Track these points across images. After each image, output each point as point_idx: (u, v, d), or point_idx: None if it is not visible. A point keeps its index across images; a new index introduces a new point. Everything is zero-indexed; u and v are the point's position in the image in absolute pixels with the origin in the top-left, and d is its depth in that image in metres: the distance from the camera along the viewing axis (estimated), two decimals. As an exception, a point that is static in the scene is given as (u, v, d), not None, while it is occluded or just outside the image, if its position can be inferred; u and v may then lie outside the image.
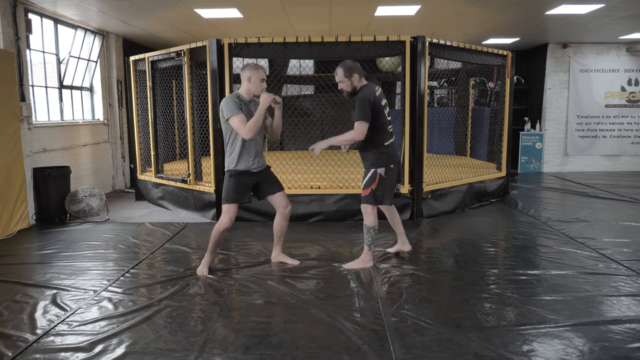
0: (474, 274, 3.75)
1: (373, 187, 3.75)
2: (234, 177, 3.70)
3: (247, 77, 3.66)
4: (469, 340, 2.65)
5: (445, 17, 6.95)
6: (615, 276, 3.64)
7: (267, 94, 3.60)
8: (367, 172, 3.79)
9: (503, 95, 6.86)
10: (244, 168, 3.69)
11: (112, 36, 7.79)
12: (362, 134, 3.63)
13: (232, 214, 3.73)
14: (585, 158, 9.78)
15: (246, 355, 2.53)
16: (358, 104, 3.63)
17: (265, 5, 6.12)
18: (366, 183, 3.78)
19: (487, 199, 6.68)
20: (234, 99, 3.61)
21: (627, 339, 2.64)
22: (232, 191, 3.70)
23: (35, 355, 2.55)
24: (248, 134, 3.54)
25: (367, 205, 3.81)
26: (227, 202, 3.71)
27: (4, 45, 5.24)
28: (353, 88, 3.73)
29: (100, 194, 6.04)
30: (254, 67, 3.68)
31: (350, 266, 3.90)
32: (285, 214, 3.90)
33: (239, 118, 3.54)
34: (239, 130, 3.56)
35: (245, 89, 3.69)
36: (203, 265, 3.84)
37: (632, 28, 7.77)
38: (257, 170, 3.76)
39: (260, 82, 3.67)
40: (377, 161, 3.74)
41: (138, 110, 6.84)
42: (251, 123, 3.54)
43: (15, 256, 4.36)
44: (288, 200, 3.91)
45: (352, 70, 3.70)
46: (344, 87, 3.75)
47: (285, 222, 3.95)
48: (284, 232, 4.02)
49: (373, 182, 3.75)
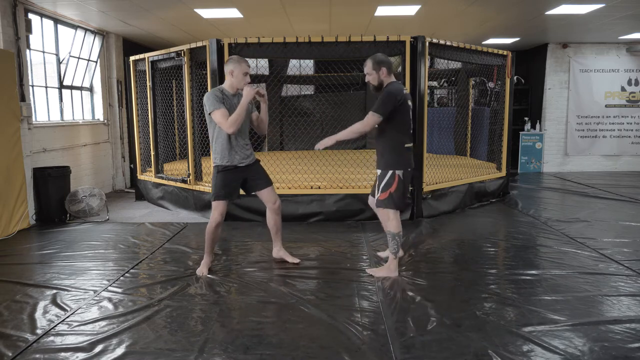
0: (474, 274, 3.75)
1: (392, 190, 3.57)
2: (221, 172, 3.68)
3: (229, 71, 3.61)
4: (469, 340, 2.65)
5: (445, 17, 6.95)
6: (615, 276, 3.64)
7: (249, 86, 3.55)
8: (384, 174, 3.60)
9: (503, 95, 6.86)
10: (230, 163, 3.66)
11: (112, 36, 7.79)
12: (369, 125, 3.51)
13: (222, 209, 3.71)
14: (585, 158, 9.78)
15: (246, 355, 2.53)
16: (381, 96, 3.51)
17: (265, 5, 6.12)
18: (384, 185, 3.59)
19: (487, 199, 6.69)
20: (215, 93, 3.57)
21: (627, 339, 2.64)
22: (220, 187, 3.68)
23: (35, 355, 2.55)
24: (230, 128, 3.51)
25: (388, 211, 3.61)
26: (217, 199, 3.69)
27: (4, 45, 5.24)
28: (380, 82, 3.59)
29: (100, 194, 6.04)
30: (237, 60, 3.63)
31: (375, 272, 3.72)
32: (275, 208, 3.88)
33: (221, 112, 3.51)
34: (221, 125, 3.53)
35: (228, 83, 3.65)
36: (203, 266, 3.83)
37: (632, 28, 7.77)
38: (245, 165, 3.72)
39: (243, 76, 3.60)
40: (397, 163, 3.57)
41: (138, 110, 6.85)
42: (233, 117, 3.50)
43: (15, 256, 4.36)
44: (277, 195, 3.89)
45: (382, 63, 3.57)
46: (371, 79, 3.61)
47: (277, 217, 3.92)
48: (279, 227, 3.98)
49: (392, 184, 3.56)
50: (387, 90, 3.54)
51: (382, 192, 3.61)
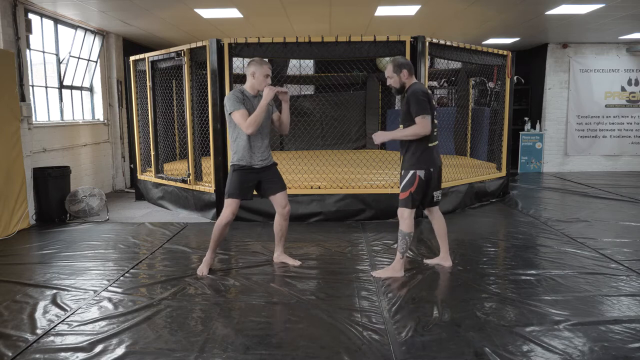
0: (474, 274, 3.74)
1: (412, 190, 3.56)
2: (237, 171, 3.70)
3: (251, 72, 3.65)
4: (469, 340, 2.65)
5: (445, 17, 6.95)
6: (615, 276, 3.64)
7: (269, 87, 3.57)
8: (406, 174, 3.60)
9: (503, 95, 6.86)
10: (247, 163, 3.68)
11: (112, 36, 7.79)
12: (427, 127, 3.45)
13: (234, 208, 3.71)
14: (585, 158, 9.78)
15: (246, 355, 2.53)
16: (414, 98, 3.47)
17: (265, 5, 6.12)
18: (405, 185, 3.60)
19: (487, 199, 6.69)
20: (236, 94, 3.61)
21: (627, 339, 2.64)
22: (235, 186, 3.69)
23: (35, 355, 2.55)
24: (249, 129, 3.53)
25: (404, 210, 3.61)
26: (230, 196, 3.70)
27: (4, 45, 5.24)
28: (402, 84, 3.61)
29: (100, 194, 6.04)
30: (259, 62, 3.67)
31: (379, 274, 3.70)
32: (284, 213, 3.89)
33: (240, 113, 3.54)
34: (240, 125, 3.56)
35: (249, 84, 3.69)
36: (204, 265, 3.83)
37: (632, 28, 7.77)
38: (261, 167, 3.74)
39: (264, 78, 3.64)
40: (418, 162, 3.56)
41: (138, 110, 6.85)
42: (252, 118, 3.53)
43: (15, 256, 4.36)
44: (287, 200, 3.90)
45: (402, 66, 3.58)
46: (392, 82, 3.63)
47: (285, 222, 3.94)
48: (284, 233, 4.00)
49: (412, 184, 3.56)
50: (414, 90, 3.53)
51: (402, 192, 3.62)
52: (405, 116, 3.58)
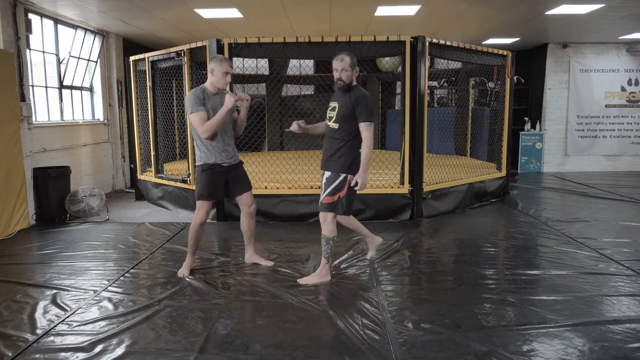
0: (474, 274, 3.74)
1: (341, 195, 3.44)
2: (205, 172, 3.67)
3: (210, 69, 3.61)
4: (469, 340, 2.65)
5: (445, 17, 6.95)
6: (615, 276, 3.64)
7: (230, 96, 3.55)
8: (335, 177, 3.44)
9: (503, 95, 6.86)
10: (214, 162, 3.65)
11: (112, 36, 7.78)
12: (372, 134, 3.37)
13: (207, 209, 3.71)
14: (585, 158, 9.78)
15: (246, 355, 2.53)
16: (365, 103, 3.35)
17: (265, 5, 6.12)
18: (334, 189, 3.44)
19: (487, 199, 6.68)
20: (196, 94, 3.57)
21: (627, 339, 2.64)
22: (204, 187, 3.67)
23: (35, 355, 2.55)
24: (205, 134, 3.51)
25: (328, 214, 3.49)
26: (200, 198, 3.69)
27: (4, 45, 5.24)
28: (351, 81, 3.41)
29: (100, 194, 6.04)
30: (219, 59, 3.62)
31: (306, 281, 3.58)
32: (250, 212, 3.87)
33: (199, 116, 3.51)
34: (197, 128, 3.53)
35: (210, 82, 3.65)
36: (185, 267, 3.80)
37: (632, 28, 7.77)
38: (228, 165, 3.71)
39: (223, 75, 3.59)
40: (351, 167, 3.42)
41: (138, 110, 6.84)
42: (209, 124, 3.51)
43: (15, 256, 4.36)
44: (253, 199, 3.88)
45: (356, 64, 3.41)
46: (345, 77, 3.37)
47: (252, 221, 3.92)
48: (253, 231, 3.97)
49: (342, 188, 3.44)
50: (364, 94, 3.40)
51: (329, 196, 3.46)
52: (347, 117, 3.39)
